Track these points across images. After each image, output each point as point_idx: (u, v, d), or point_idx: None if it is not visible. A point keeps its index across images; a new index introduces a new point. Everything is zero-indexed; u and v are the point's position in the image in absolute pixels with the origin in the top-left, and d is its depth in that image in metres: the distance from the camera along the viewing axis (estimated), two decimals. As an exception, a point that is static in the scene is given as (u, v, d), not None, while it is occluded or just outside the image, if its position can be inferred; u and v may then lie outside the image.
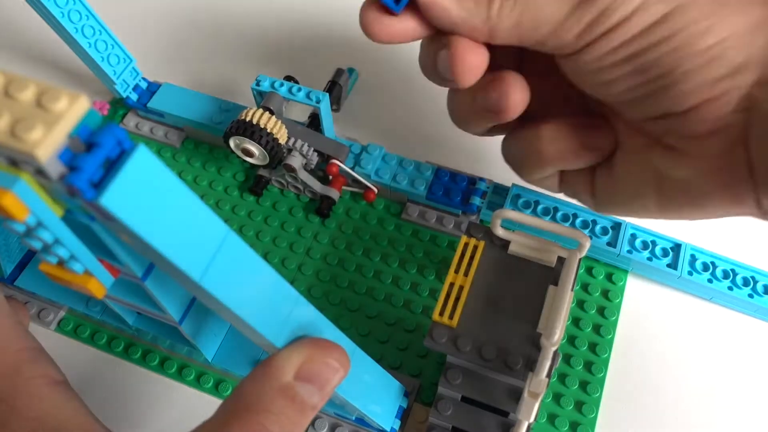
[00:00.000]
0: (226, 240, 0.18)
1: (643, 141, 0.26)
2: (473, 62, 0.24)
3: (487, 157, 0.38)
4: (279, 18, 0.47)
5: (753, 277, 0.33)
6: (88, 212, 0.17)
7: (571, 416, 0.30)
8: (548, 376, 0.24)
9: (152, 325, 0.30)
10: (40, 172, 0.16)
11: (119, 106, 0.41)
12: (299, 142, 0.34)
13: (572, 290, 0.25)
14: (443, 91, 0.29)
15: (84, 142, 0.16)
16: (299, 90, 0.34)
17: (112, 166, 0.16)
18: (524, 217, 0.27)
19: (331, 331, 0.24)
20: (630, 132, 0.26)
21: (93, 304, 0.32)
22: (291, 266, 0.35)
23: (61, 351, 0.33)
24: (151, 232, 0.16)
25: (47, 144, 0.15)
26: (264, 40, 0.46)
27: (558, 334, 0.24)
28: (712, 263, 0.33)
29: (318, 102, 0.34)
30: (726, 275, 0.33)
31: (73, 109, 0.15)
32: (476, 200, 0.35)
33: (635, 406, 0.31)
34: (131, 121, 0.41)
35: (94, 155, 0.15)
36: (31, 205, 0.16)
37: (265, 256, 0.35)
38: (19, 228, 0.17)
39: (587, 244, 0.26)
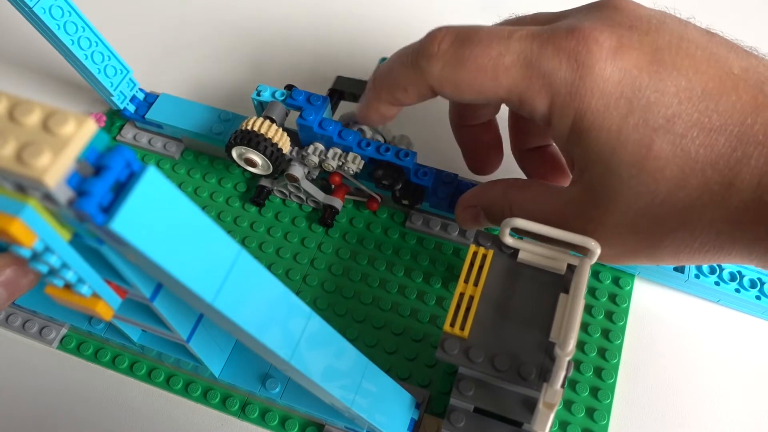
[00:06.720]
0: (238, 259, 0.18)
1: None
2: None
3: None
4: (278, 27, 0.46)
5: (760, 279, 0.33)
6: (97, 236, 0.17)
7: (582, 423, 0.30)
8: (562, 386, 0.23)
9: (157, 341, 0.29)
10: (47, 197, 0.15)
11: (116, 117, 0.41)
12: (311, 147, 0.33)
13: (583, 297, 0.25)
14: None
15: (92, 165, 0.15)
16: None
17: (122, 189, 0.15)
18: (533, 225, 0.26)
19: (344, 346, 0.24)
20: None
21: (96, 321, 0.31)
22: (295, 277, 0.35)
23: (64, 369, 0.33)
24: (164, 256, 0.16)
25: (55, 169, 0.14)
26: (263, 48, 0.45)
27: (572, 344, 0.23)
28: (719, 266, 0.33)
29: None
30: (733, 277, 0.33)
31: (81, 133, 0.15)
32: (481, 206, 0.35)
33: (646, 411, 0.31)
34: (129, 132, 0.40)
35: (103, 179, 0.15)
36: (38, 231, 0.16)
37: (269, 268, 0.35)
38: (26, 253, 0.17)
39: (597, 251, 0.26)
